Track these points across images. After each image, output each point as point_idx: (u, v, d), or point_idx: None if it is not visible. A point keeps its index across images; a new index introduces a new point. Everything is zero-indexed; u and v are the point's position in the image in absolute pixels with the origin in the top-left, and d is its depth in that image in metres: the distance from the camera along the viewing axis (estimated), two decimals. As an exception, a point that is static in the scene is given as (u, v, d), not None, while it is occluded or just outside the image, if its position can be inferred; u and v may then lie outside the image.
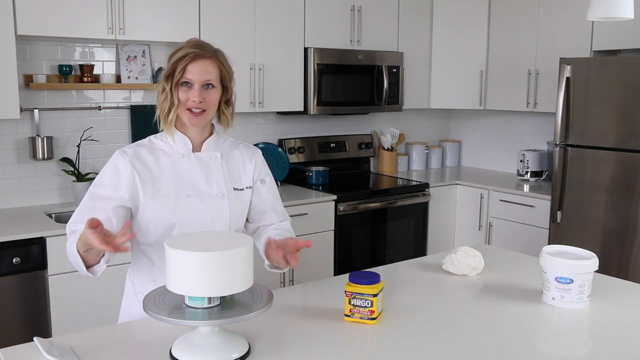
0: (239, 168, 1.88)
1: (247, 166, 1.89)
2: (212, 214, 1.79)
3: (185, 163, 1.80)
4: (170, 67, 1.72)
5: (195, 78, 1.71)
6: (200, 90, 1.72)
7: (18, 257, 2.77)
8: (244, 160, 1.90)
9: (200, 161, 1.82)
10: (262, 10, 3.67)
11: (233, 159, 1.88)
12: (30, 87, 3.21)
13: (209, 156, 1.83)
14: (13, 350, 1.50)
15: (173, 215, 1.75)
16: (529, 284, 2.02)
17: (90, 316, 2.94)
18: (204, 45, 1.76)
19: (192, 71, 1.70)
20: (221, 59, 1.77)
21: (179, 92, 1.72)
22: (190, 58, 1.70)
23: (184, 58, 1.70)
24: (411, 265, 2.24)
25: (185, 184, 1.78)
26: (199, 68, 1.70)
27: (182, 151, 1.81)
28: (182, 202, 1.76)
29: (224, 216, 1.81)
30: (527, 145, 4.60)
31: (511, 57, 4.31)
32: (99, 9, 3.10)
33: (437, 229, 4.35)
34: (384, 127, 4.75)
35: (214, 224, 1.80)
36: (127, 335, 1.62)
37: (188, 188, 1.78)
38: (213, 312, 1.39)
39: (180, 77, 1.71)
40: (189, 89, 1.72)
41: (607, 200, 3.48)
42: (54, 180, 3.41)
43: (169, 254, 1.37)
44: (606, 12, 2.57)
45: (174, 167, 1.79)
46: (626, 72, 3.36)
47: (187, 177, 1.79)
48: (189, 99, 1.72)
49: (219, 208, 1.80)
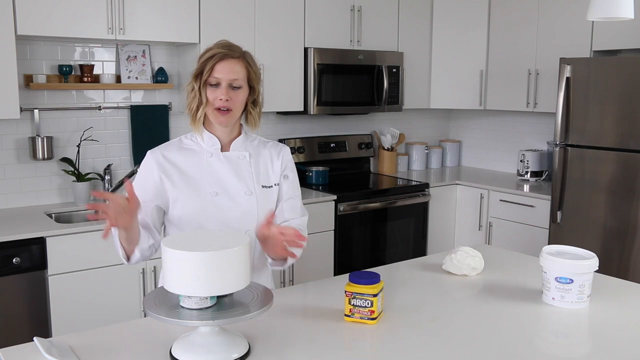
0: (267, 166, 1.92)
1: (275, 163, 1.93)
2: (241, 211, 1.83)
3: (214, 162, 1.84)
4: (199, 66, 1.77)
5: (222, 77, 1.75)
6: (227, 90, 1.76)
7: (18, 257, 2.77)
8: (272, 157, 1.94)
9: (229, 160, 1.86)
10: (262, 10, 3.67)
11: (261, 157, 1.92)
12: (30, 87, 3.21)
13: (238, 155, 1.87)
14: (13, 350, 1.50)
15: (202, 212, 1.79)
16: (529, 284, 2.02)
17: (90, 316, 2.95)
18: (233, 46, 1.81)
19: (220, 70, 1.75)
20: (249, 60, 1.81)
21: (207, 91, 1.77)
22: (218, 58, 1.75)
23: (212, 58, 1.75)
24: (411, 265, 2.24)
25: (214, 182, 1.82)
26: (227, 68, 1.75)
27: (210, 150, 1.85)
28: (210, 200, 1.80)
29: (252, 214, 1.84)
30: (527, 145, 4.60)
31: (511, 57, 4.31)
32: (98, 9, 3.10)
33: (437, 229, 4.35)
34: (384, 127, 4.75)
35: (242, 222, 1.83)
36: (127, 335, 1.62)
37: (217, 186, 1.82)
38: (213, 312, 1.39)
39: (208, 77, 1.75)
40: (216, 89, 1.77)
41: (607, 200, 3.48)
42: (54, 180, 3.41)
43: (165, 253, 1.37)
44: (606, 12, 2.57)
45: (202, 165, 1.83)
46: (626, 72, 3.36)
47: (216, 176, 1.83)
48: (216, 97, 1.76)
49: (248, 206, 1.84)
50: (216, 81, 1.76)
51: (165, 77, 3.62)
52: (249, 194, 1.84)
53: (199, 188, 1.81)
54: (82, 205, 3.38)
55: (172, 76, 3.71)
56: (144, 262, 3.09)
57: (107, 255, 2.99)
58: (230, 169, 1.85)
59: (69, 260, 2.89)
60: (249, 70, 1.80)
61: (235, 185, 1.84)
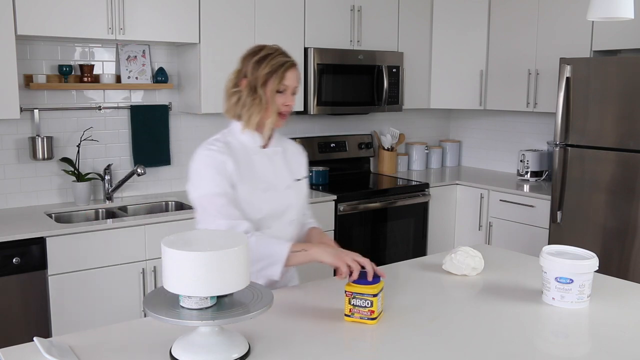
0: (296, 160, 2.07)
1: (300, 159, 2.10)
2: (285, 204, 1.95)
3: (257, 159, 1.94)
4: (265, 75, 1.86)
5: (290, 85, 1.90)
6: (292, 96, 1.92)
7: (18, 257, 2.77)
8: (297, 153, 2.09)
9: (268, 156, 1.97)
10: (262, 10, 3.67)
11: (289, 152, 2.06)
12: (30, 87, 3.21)
13: (274, 151, 1.99)
14: (13, 350, 1.49)
15: (256, 204, 1.88)
16: (529, 284, 2.02)
17: (90, 316, 2.95)
18: (285, 51, 1.93)
19: (289, 78, 1.89)
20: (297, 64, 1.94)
21: (275, 98, 1.88)
22: (287, 67, 1.88)
23: (281, 67, 1.87)
24: (411, 265, 2.24)
25: (260, 177, 1.92)
26: (293, 76, 1.90)
27: (255, 149, 1.95)
28: (260, 196, 1.90)
29: (292, 206, 1.97)
30: (527, 145, 4.61)
31: (511, 57, 4.31)
32: (98, 9, 3.10)
33: (437, 229, 4.35)
34: (384, 127, 4.75)
35: (285, 214, 1.96)
36: (127, 335, 1.62)
37: (262, 181, 1.92)
38: (213, 312, 1.39)
39: (278, 85, 1.87)
40: (281, 95, 1.89)
41: (607, 200, 3.48)
42: (54, 180, 3.41)
43: (165, 253, 1.37)
44: (606, 12, 2.57)
45: (249, 161, 1.92)
46: (626, 72, 3.36)
47: (261, 171, 1.93)
48: (284, 103, 1.89)
49: (289, 198, 1.97)
50: (284, 88, 1.88)
51: (165, 77, 3.62)
52: (287, 187, 1.97)
53: (252, 183, 1.90)
54: (82, 205, 3.38)
55: (172, 76, 3.71)
56: (144, 262, 3.10)
57: (107, 255, 2.99)
58: (271, 165, 1.96)
59: (69, 260, 2.89)
60: (299, 76, 1.95)
61: (276, 179, 1.95)
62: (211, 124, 3.90)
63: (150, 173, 3.69)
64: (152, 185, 3.73)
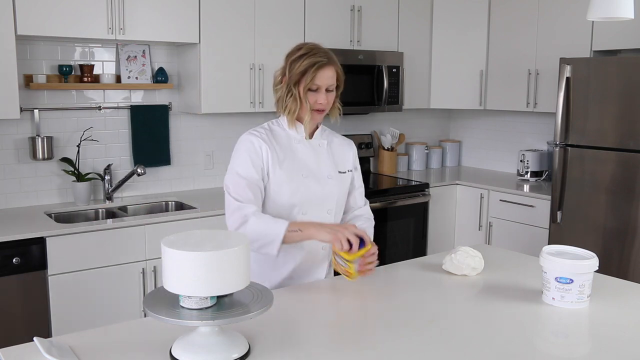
0: (341, 153, 2.14)
1: (347, 153, 2.17)
2: (325, 194, 2.04)
3: (301, 148, 2.05)
4: (297, 74, 1.96)
5: (322, 84, 1.97)
6: (326, 94, 1.99)
7: (18, 257, 2.77)
8: (344, 147, 2.17)
9: (312, 147, 2.07)
10: (262, 10, 3.67)
11: (335, 145, 2.14)
12: (30, 87, 3.21)
13: (318, 143, 2.09)
14: (13, 350, 1.49)
15: (296, 191, 1.98)
16: (529, 284, 2.02)
17: (90, 316, 2.95)
18: (323, 50, 2.01)
19: (320, 78, 1.96)
20: (336, 62, 2.02)
21: (308, 96, 1.98)
22: (318, 67, 1.95)
23: (312, 66, 1.95)
24: (411, 265, 2.24)
25: (302, 165, 2.02)
26: (325, 75, 1.97)
27: (298, 137, 2.05)
28: (301, 181, 2.00)
29: (332, 196, 2.06)
30: (527, 145, 4.61)
31: (511, 57, 4.31)
32: (98, 9, 3.10)
33: (437, 229, 4.35)
34: (384, 127, 4.75)
35: (324, 204, 2.04)
36: (127, 335, 1.62)
37: (305, 169, 2.02)
38: (213, 312, 1.39)
39: (309, 84, 1.96)
40: (315, 93, 1.98)
41: (607, 200, 3.48)
42: (54, 180, 3.41)
43: (165, 253, 1.37)
44: (606, 12, 2.57)
45: (292, 150, 2.03)
46: (626, 72, 3.36)
47: (303, 160, 2.03)
48: (317, 101, 1.98)
49: (329, 189, 2.05)
50: (316, 87, 1.97)
51: (165, 77, 3.62)
52: (330, 177, 2.06)
53: (292, 169, 2.00)
54: (82, 205, 3.38)
55: (172, 76, 3.71)
56: (144, 262, 3.10)
57: (107, 255, 2.99)
58: (314, 154, 2.06)
59: (69, 260, 2.89)
60: (338, 73, 2.02)
61: (319, 169, 2.05)
62: (211, 124, 3.90)
63: (150, 173, 3.69)
64: (152, 185, 3.73)
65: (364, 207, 2.24)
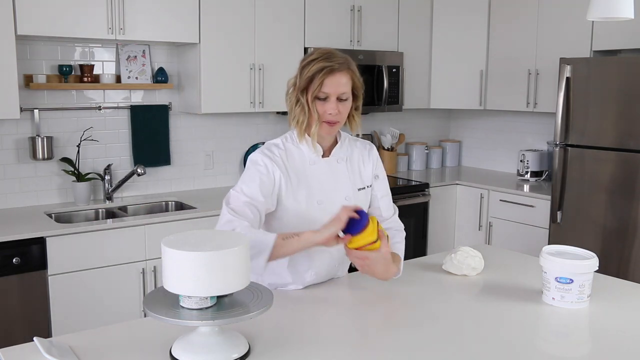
0: (360, 168, 1.97)
1: (366, 165, 1.98)
2: None
3: (316, 169, 1.88)
4: (305, 80, 1.78)
5: (331, 92, 1.77)
6: (336, 103, 1.78)
7: (18, 257, 2.77)
8: (363, 159, 1.98)
9: (329, 166, 1.90)
10: (262, 10, 3.67)
11: (354, 159, 1.96)
12: (30, 87, 3.21)
13: (336, 160, 1.91)
14: (13, 350, 1.49)
15: (307, 216, 1.83)
16: (529, 284, 2.02)
17: (90, 316, 2.95)
18: (336, 56, 1.80)
19: (329, 85, 1.76)
20: (353, 69, 1.82)
21: (316, 106, 1.79)
22: (326, 72, 1.76)
23: (320, 72, 1.76)
24: (411, 265, 2.24)
25: (318, 189, 1.86)
26: (335, 82, 1.76)
27: (313, 158, 1.88)
28: (315, 207, 1.84)
29: None
30: (527, 145, 4.61)
31: (511, 57, 4.31)
32: (99, 9, 3.10)
33: (437, 229, 4.35)
34: (384, 127, 4.75)
35: None
36: (127, 335, 1.62)
37: (320, 193, 1.86)
38: (213, 312, 1.39)
39: (317, 91, 1.77)
40: (325, 102, 1.78)
41: (607, 200, 3.48)
42: (54, 180, 3.41)
43: (165, 253, 1.37)
44: (606, 12, 2.57)
45: (306, 172, 1.87)
46: (626, 72, 3.36)
47: (319, 183, 1.87)
48: (326, 111, 1.79)
49: None
50: (325, 95, 1.77)
51: (165, 77, 3.62)
52: (348, 199, 1.89)
53: (306, 197, 1.85)
54: (82, 205, 3.38)
55: (172, 76, 3.71)
56: (144, 262, 3.10)
57: (107, 255, 2.99)
58: (330, 175, 1.89)
59: (69, 260, 2.89)
60: (354, 80, 1.82)
61: (335, 191, 1.88)
62: (211, 124, 3.90)
63: (150, 173, 3.69)
64: (152, 185, 3.73)
65: (392, 217, 2.05)
